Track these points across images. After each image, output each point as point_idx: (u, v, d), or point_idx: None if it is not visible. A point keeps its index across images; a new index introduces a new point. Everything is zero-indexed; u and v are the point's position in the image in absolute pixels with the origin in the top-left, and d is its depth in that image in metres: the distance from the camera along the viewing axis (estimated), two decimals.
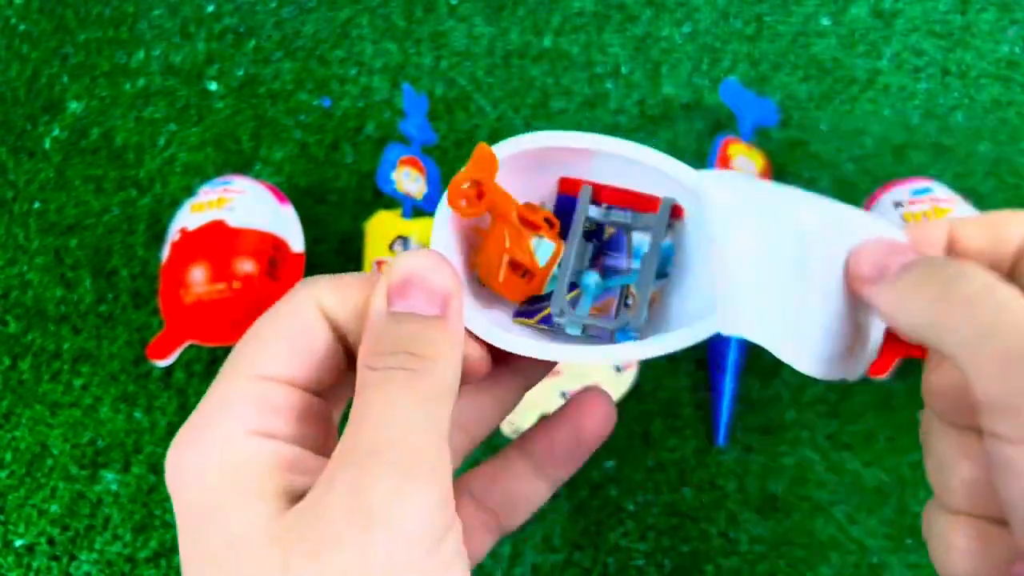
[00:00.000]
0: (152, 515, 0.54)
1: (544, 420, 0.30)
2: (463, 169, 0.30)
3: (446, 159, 0.63)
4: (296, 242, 0.57)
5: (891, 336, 0.26)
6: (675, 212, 0.29)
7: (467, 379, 0.25)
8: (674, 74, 0.66)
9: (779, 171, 0.61)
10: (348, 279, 0.25)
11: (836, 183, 0.61)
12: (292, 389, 0.24)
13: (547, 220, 0.30)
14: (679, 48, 0.67)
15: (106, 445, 0.56)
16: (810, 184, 0.61)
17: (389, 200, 0.62)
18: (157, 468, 0.55)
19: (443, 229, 0.29)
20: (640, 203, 0.30)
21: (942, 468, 0.24)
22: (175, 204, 0.62)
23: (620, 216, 0.30)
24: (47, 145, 0.66)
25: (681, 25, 0.68)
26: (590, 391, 0.29)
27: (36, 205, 0.64)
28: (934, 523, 0.24)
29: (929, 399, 0.25)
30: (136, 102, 0.68)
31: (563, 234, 0.30)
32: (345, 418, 0.24)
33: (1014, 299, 0.20)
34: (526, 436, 0.30)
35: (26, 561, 0.53)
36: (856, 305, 0.25)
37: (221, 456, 0.22)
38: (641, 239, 0.30)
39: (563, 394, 0.51)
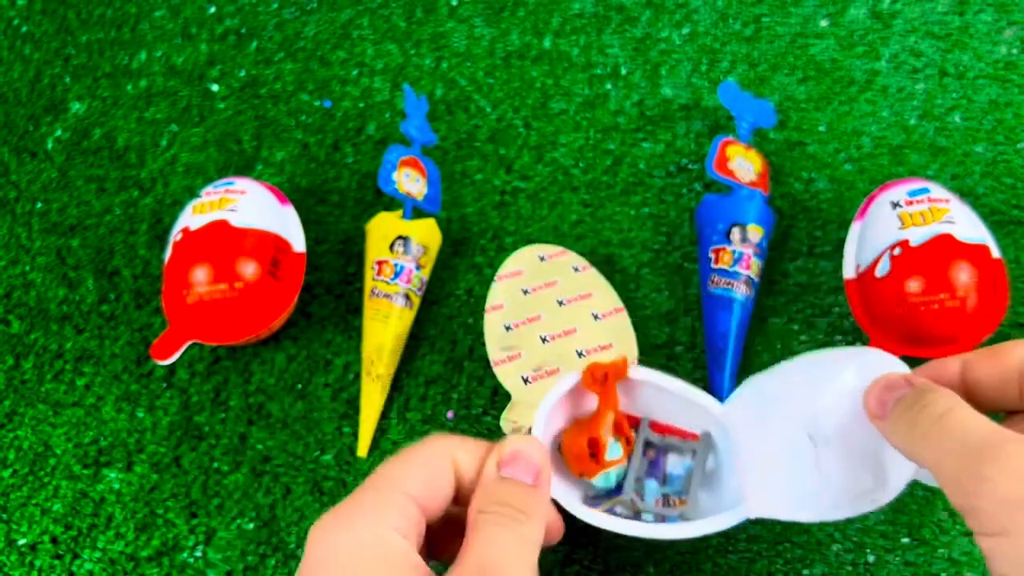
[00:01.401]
0: (154, 514, 0.54)
1: None
2: (604, 363, 0.46)
3: (446, 160, 0.64)
4: (298, 242, 0.57)
5: None
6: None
7: (548, 537, 0.36)
8: (673, 75, 0.66)
9: (777, 172, 0.62)
10: (472, 444, 0.36)
11: (834, 184, 0.61)
12: (421, 511, 0.33)
13: (626, 437, 0.46)
14: (678, 49, 0.67)
15: (109, 444, 0.56)
16: (808, 185, 0.61)
17: (390, 201, 0.62)
18: (159, 467, 0.55)
19: (545, 416, 0.44)
20: (683, 434, 0.47)
21: None
22: (177, 204, 0.63)
23: (672, 441, 0.47)
24: (49, 145, 0.67)
25: (680, 27, 0.68)
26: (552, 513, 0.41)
27: (38, 205, 0.65)
28: None
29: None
30: (138, 103, 0.68)
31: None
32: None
33: (959, 420, 0.28)
34: None
35: (29, 560, 0.53)
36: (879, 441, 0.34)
37: (373, 540, 0.30)
38: (674, 461, 0.47)
39: (579, 352, 0.52)
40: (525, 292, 0.55)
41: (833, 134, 0.63)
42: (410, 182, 0.58)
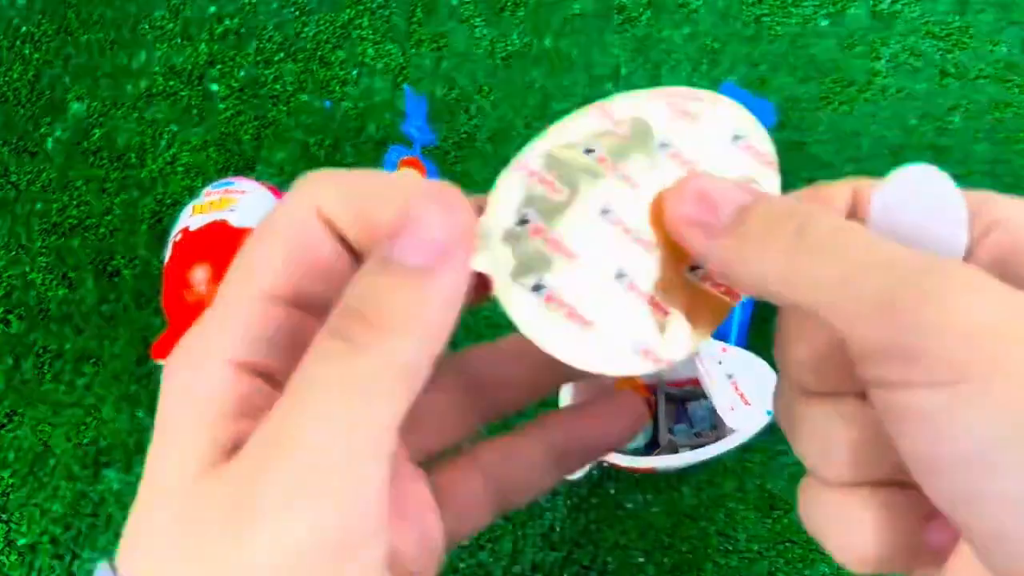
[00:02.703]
0: None
1: (571, 410, 0.28)
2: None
3: (447, 160, 0.64)
4: None
5: None
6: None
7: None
8: (674, 75, 0.66)
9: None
10: (352, 177, 0.21)
11: None
12: (289, 309, 0.20)
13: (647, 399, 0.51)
14: (679, 49, 0.67)
15: (108, 444, 0.56)
16: (808, 185, 0.61)
17: None
18: None
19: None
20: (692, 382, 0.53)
21: (819, 440, 0.21)
22: (177, 204, 0.63)
23: (688, 390, 0.54)
24: (49, 146, 0.67)
25: (680, 27, 0.68)
26: (627, 396, 0.27)
27: (39, 205, 0.65)
28: (823, 504, 0.21)
29: (789, 370, 0.22)
30: (138, 103, 0.68)
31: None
32: None
33: (875, 239, 0.18)
34: (548, 421, 0.27)
35: (29, 560, 0.53)
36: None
37: (192, 384, 0.19)
38: (694, 405, 0.54)
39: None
40: None
41: (833, 134, 0.63)
42: None
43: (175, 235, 0.56)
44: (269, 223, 0.21)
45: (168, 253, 0.56)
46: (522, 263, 0.20)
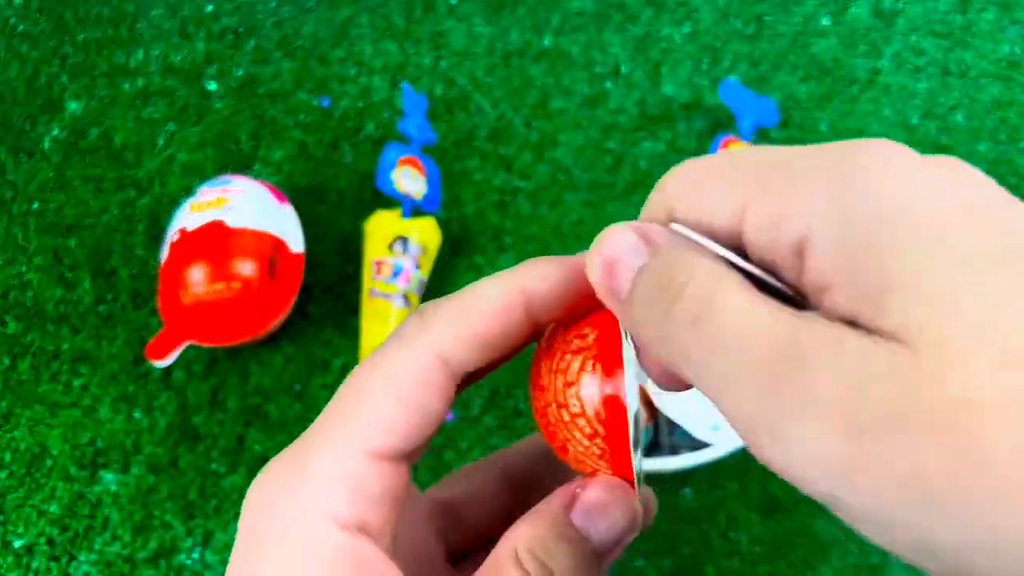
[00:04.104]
0: (151, 516, 0.53)
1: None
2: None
3: (446, 159, 0.63)
4: (295, 242, 0.57)
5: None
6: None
7: None
8: (674, 74, 0.66)
9: None
10: (471, 313, 0.20)
11: None
12: (396, 466, 0.20)
13: (648, 402, 0.43)
14: (679, 48, 0.67)
15: (105, 446, 0.56)
16: None
17: (388, 200, 0.62)
18: (156, 468, 0.55)
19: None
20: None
21: None
22: (174, 204, 0.62)
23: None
24: (46, 145, 0.66)
25: (681, 25, 0.67)
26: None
27: (35, 205, 0.64)
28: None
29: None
30: (135, 102, 0.68)
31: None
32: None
33: (741, 304, 0.16)
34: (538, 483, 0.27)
35: (25, 561, 0.53)
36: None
37: (302, 544, 0.19)
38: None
39: None
40: None
41: (835, 133, 0.62)
42: (409, 181, 0.58)
43: (172, 235, 0.55)
44: (386, 370, 0.20)
45: (165, 253, 0.55)
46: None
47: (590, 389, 0.20)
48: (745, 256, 0.18)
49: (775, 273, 0.18)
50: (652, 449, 0.51)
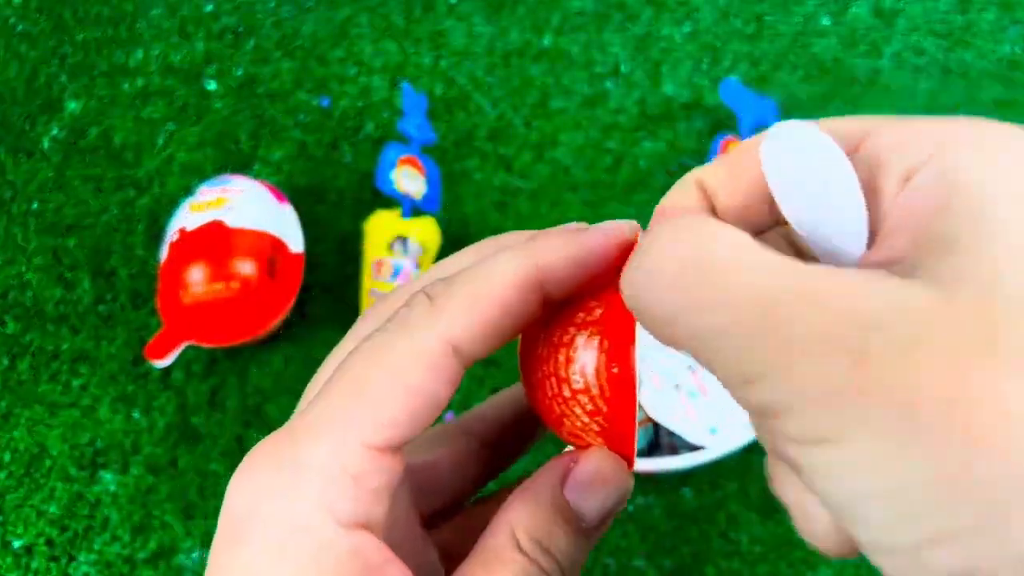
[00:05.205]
0: (151, 516, 0.53)
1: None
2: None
3: (446, 158, 0.63)
4: (295, 242, 0.57)
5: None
6: None
7: None
8: (674, 74, 0.65)
9: None
10: (486, 298, 0.19)
11: None
12: (394, 457, 0.19)
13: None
14: (679, 48, 0.66)
15: (105, 446, 0.56)
16: None
17: (388, 200, 0.62)
18: (156, 469, 0.55)
19: None
20: None
21: (799, 511, 0.19)
22: (174, 204, 0.62)
23: None
24: (46, 145, 0.66)
25: (681, 24, 0.67)
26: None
27: (35, 205, 0.64)
28: (786, 475, 0.19)
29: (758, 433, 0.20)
30: (135, 102, 0.67)
31: None
32: None
33: (756, 266, 0.15)
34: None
35: (24, 562, 0.53)
36: None
37: (302, 545, 0.18)
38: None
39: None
40: None
41: None
42: (409, 181, 0.58)
43: (172, 235, 0.55)
44: (392, 361, 0.19)
45: (165, 253, 0.55)
46: None
47: (595, 366, 0.19)
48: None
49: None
50: (652, 449, 0.51)
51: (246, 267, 0.53)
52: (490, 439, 0.26)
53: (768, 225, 0.20)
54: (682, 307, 0.16)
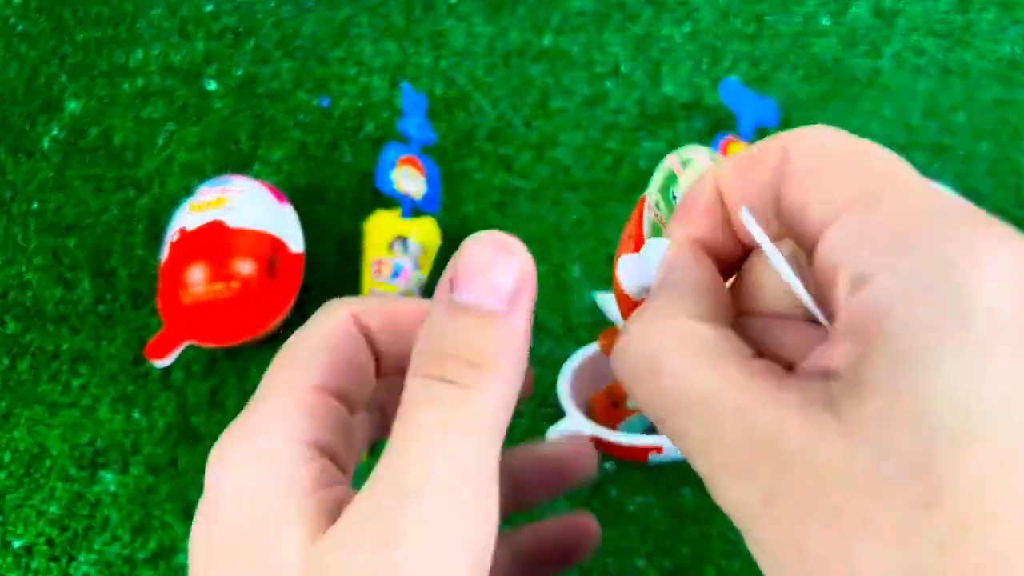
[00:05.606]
0: (151, 516, 0.53)
1: (539, 526, 0.29)
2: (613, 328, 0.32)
3: (446, 159, 0.63)
4: (295, 242, 0.57)
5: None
6: None
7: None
8: (674, 73, 0.65)
9: None
10: (374, 299, 0.24)
11: None
12: (336, 402, 0.22)
13: None
14: (679, 47, 0.66)
15: (105, 446, 0.56)
16: None
17: (388, 200, 0.62)
18: (156, 468, 0.55)
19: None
20: None
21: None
22: (174, 204, 0.62)
23: None
24: (46, 145, 0.66)
25: (681, 24, 0.67)
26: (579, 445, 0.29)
27: (35, 205, 0.64)
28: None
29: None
30: (135, 102, 0.67)
31: None
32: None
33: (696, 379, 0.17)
34: (517, 531, 0.28)
35: (24, 562, 0.53)
36: None
37: (273, 466, 0.20)
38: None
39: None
40: None
41: None
42: (409, 181, 0.58)
43: (172, 235, 0.55)
44: (311, 328, 0.24)
45: (165, 253, 0.55)
46: None
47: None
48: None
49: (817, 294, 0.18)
50: (652, 428, 0.51)
51: (246, 267, 0.53)
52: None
53: (775, 229, 0.20)
54: (643, 403, 0.18)
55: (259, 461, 0.20)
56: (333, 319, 0.23)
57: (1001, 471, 0.14)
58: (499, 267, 0.20)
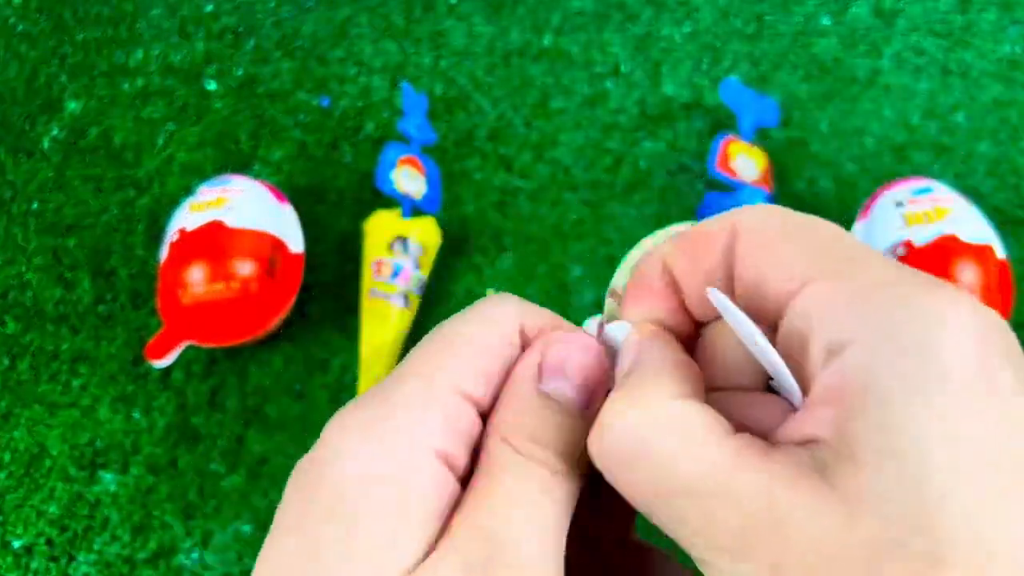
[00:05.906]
0: (151, 516, 0.53)
1: None
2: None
3: (446, 159, 0.63)
4: (295, 242, 0.57)
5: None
6: None
7: None
8: (674, 73, 0.65)
9: (780, 171, 0.61)
10: (538, 310, 0.23)
11: (836, 183, 0.60)
12: (476, 413, 0.21)
13: None
14: (679, 47, 0.66)
15: (104, 446, 0.56)
16: (810, 183, 0.61)
17: (388, 200, 0.62)
18: (155, 469, 0.55)
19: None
20: None
21: None
22: (174, 204, 0.62)
23: None
24: (46, 145, 0.66)
25: (681, 24, 0.67)
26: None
27: (35, 205, 0.64)
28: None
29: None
30: (135, 102, 0.67)
31: None
32: None
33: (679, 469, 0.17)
34: None
35: (24, 562, 0.53)
36: None
37: (398, 471, 0.19)
38: None
39: None
40: None
41: (836, 132, 0.62)
42: (409, 181, 0.58)
43: (172, 235, 0.55)
44: (476, 326, 0.22)
45: (165, 253, 0.55)
46: None
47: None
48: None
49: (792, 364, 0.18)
50: None
51: (246, 267, 0.53)
52: None
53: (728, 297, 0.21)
54: (631, 492, 0.18)
55: (385, 463, 0.19)
56: (500, 329, 0.22)
57: (997, 513, 0.14)
58: (583, 368, 0.21)
